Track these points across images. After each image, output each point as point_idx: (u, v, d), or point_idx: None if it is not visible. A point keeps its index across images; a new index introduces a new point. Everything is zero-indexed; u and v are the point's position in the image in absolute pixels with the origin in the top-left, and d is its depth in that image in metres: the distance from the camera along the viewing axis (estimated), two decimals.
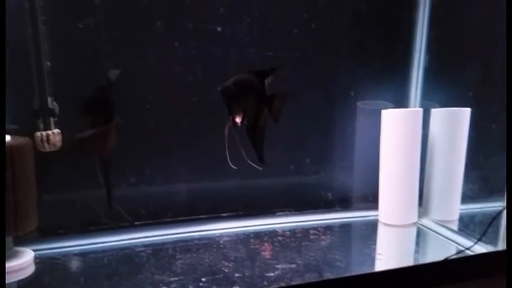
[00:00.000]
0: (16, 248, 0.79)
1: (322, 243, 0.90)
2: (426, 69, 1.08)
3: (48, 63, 0.79)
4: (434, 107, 1.02)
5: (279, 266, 0.79)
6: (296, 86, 0.98)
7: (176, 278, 0.75)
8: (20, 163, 0.74)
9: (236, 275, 0.76)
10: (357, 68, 1.03)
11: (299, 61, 0.98)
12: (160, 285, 0.72)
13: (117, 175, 0.91)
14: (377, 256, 0.85)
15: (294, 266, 0.79)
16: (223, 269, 0.78)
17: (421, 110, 0.98)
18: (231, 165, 0.81)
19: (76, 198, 0.87)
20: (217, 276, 0.75)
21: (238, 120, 0.80)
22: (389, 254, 0.88)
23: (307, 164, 1.02)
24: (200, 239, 0.91)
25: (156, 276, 0.75)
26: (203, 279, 0.74)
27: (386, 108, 0.99)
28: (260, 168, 0.83)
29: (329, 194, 1.05)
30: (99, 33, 0.85)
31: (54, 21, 0.80)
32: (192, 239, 0.91)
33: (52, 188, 0.84)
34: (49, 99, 0.80)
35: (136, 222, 0.92)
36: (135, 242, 0.88)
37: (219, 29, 0.92)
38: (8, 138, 0.76)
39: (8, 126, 0.79)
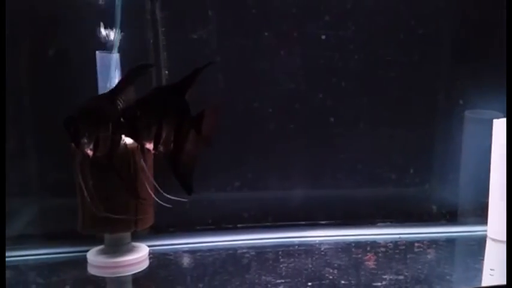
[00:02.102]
0: (133, 243, 0.84)
1: (429, 256, 0.86)
2: None
3: (166, 72, 0.85)
4: None
5: (385, 277, 0.77)
6: (401, 92, 0.97)
7: (283, 281, 0.76)
8: (140, 163, 0.79)
9: (342, 282, 0.76)
10: (466, 76, 0.98)
11: (405, 67, 0.96)
12: (269, 286, 0.74)
13: (222, 179, 0.95)
14: (489, 272, 0.81)
15: (401, 277, 0.77)
16: (327, 275, 0.78)
17: None
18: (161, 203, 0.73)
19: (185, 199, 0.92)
20: (323, 282, 0.76)
21: (149, 146, 0.70)
22: (501, 270, 0.82)
23: (410, 174, 0.99)
24: (300, 244, 0.91)
25: (263, 277, 0.77)
26: (309, 284, 0.75)
27: (497, 117, 0.94)
28: (185, 200, 0.75)
29: (433, 207, 1.01)
30: (211, 43, 0.90)
31: (172, 32, 0.86)
32: (293, 244, 0.91)
33: (165, 189, 0.89)
34: None
35: (238, 225, 0.95)
36: (238, 244, 0.91)
37: (323, 36, 0.93)
38: (129, 140, 0.82)
39: None
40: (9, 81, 0.87)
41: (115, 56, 0.79)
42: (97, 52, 0.79)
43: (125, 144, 0.76)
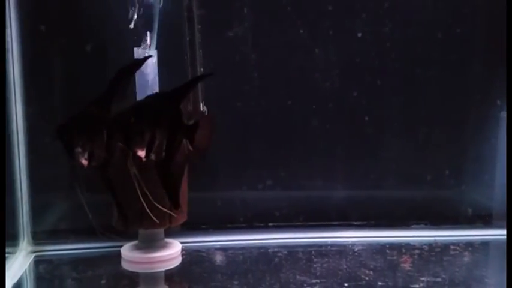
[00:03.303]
0: (166, 239, 0.84)
1: (465, 259, 0.85)
2: None
3: (202, 69, 0.85)
4: None
5: (423, 279, 0.76)
6: (438, 92, 0.95)
7: (318, 281, 0.75)
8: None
9: (379, 283, 0.74)
10: (504, 76, 0.96)
11: (442, 67, 0.95)
12: (305, 285, 0.74)
13: (254, 177, 0.95)
14: None
15: (439, 279, 0.76)
16: (363, 276, 0.77)
17: None
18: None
19: (217, 196, 0.93)
20: (359, 283, 0.75)
21: (141, 154, 0.68)
22: None
23: (446, 176, 0.97)
24: (332, 245, 0.91)
25: (298, 277, 0.76)
26: (345, 284, 0.74)
27: None
28: (174, 215, 0.74)
29: (469, 209, 0.98)
30: (246, 41, 0.90)
31: (208, 30, 0.86)
32: (325, 245, 0.90)
33: (198, 186, 0.89)
34: (201, 103, 0.86)
35: (270, 224, 0.95)
36: (269, 243, 0.91)
37: (359, 34, 0.92)
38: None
39: None
40: (45, 79, 0.89)
41: (153, 53, 0.79)
42: (135, 49, 0.80)
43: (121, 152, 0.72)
